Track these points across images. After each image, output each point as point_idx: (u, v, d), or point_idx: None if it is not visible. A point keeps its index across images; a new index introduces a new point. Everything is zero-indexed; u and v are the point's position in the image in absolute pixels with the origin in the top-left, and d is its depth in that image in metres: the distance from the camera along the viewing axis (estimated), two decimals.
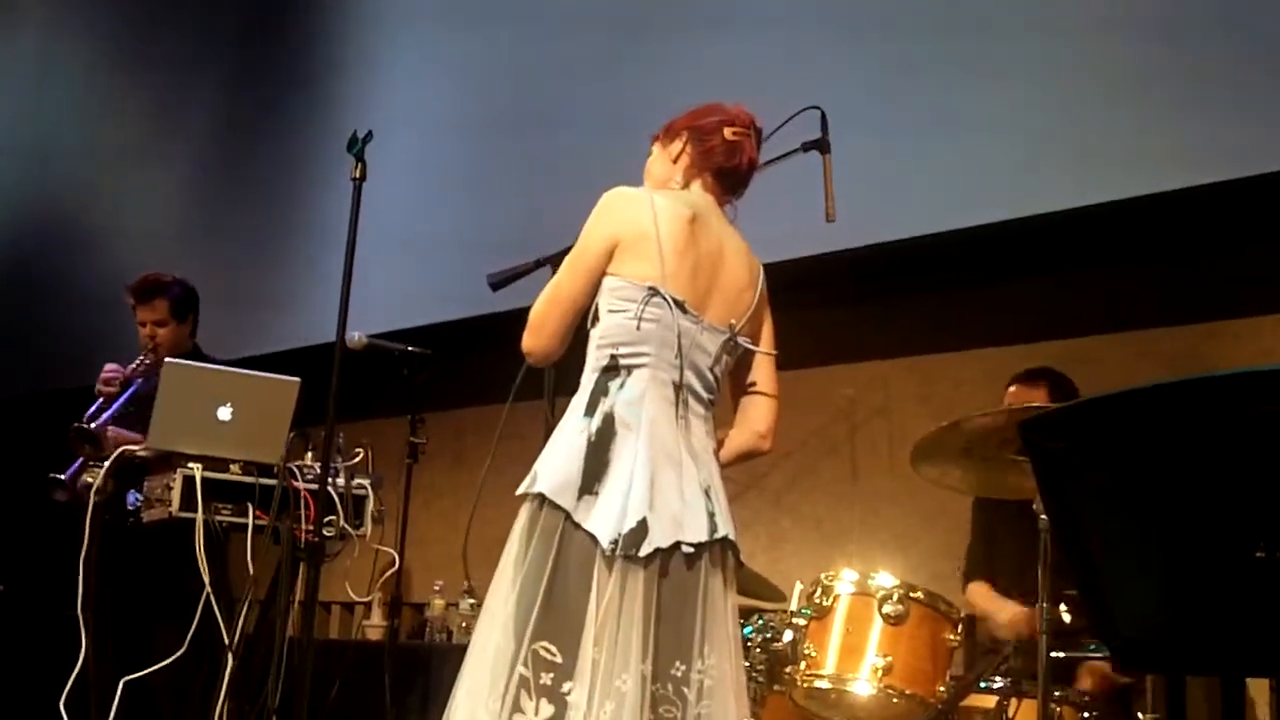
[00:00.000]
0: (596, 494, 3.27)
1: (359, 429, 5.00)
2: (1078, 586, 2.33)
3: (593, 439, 3.32)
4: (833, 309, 6.27)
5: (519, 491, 3.34)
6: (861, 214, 4.71)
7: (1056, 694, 4.00)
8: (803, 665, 4.26)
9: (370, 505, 4.95)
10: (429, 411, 5.66)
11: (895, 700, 4.15)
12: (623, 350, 3.41)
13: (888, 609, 4.22)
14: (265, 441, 4.79)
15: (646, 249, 3.43)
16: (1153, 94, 4.96)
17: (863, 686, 4.17)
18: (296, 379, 4.85)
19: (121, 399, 5.46)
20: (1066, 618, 3.91)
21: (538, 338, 3.49)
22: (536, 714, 3.14)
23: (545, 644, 3.18)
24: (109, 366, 5.60)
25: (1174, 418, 2.07)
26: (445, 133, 7.33)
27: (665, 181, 3.69)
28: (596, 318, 3.48)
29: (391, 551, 5.33)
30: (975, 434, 3.88)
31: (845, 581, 4.35)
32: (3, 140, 11.13)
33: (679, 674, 3.28)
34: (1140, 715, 3.94)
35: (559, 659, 3.17)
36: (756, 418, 3.70)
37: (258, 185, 8.68)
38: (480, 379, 3.66)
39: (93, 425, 5.28)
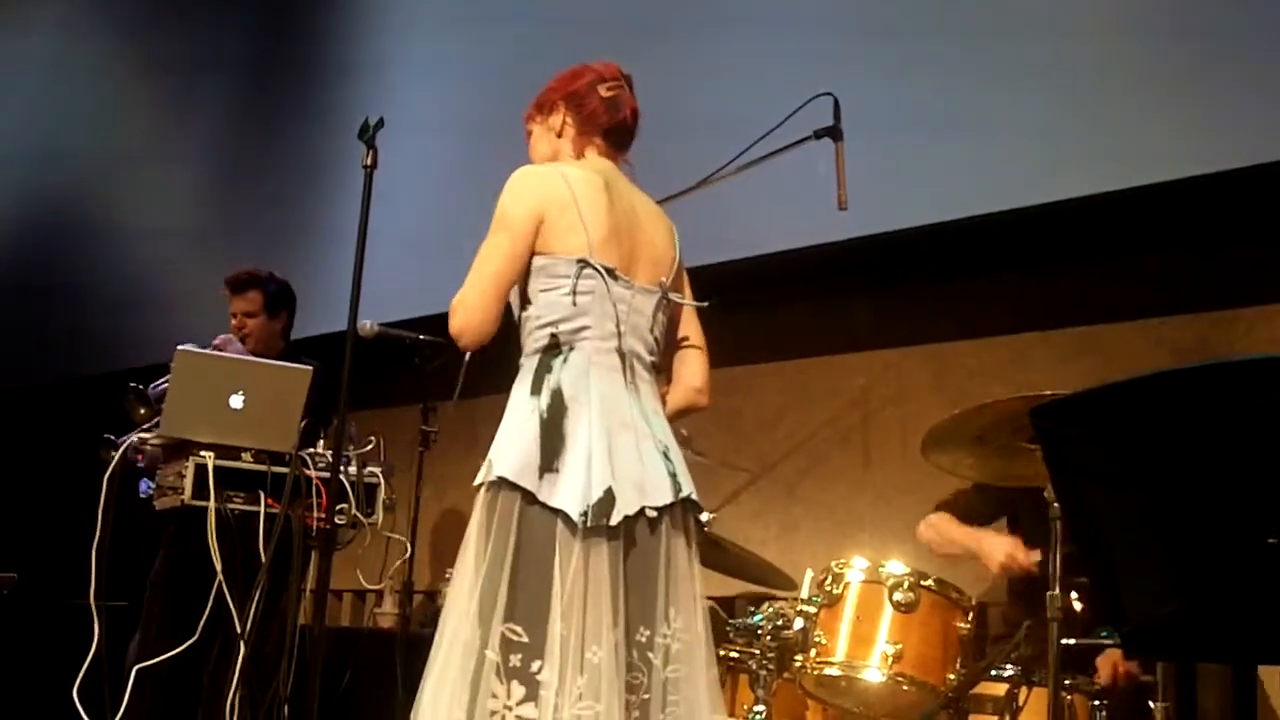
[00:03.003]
0: (558, 471, 3.25)
1: (371, 417, 5.01)
2: (1089, 574, 2.32)
3: (545, 417, 3.31)
4: (845, 297, 6.27)
5: (476, 483, 3.32)
6: (874, 202, 4.71)
7: (1067, 682, 4.00)
8: (813, 653, 4.26)
9: (382, 493, 4.95)
10: (440, 400, 5.67)
11: (906, 688, 4.15)
12: (562, 327, 3.41)
13: (899, 597, 4.22)
14: (277, 430, 4.80)
15: (570, 222, 3.42)
16: (1165, 84, 4.95)
17: (873, 674, 4.17)
18: (308, 367, 4.86)
19: None
20: (1078, 606, 3.91)
21: (470, 316, 3.38)
22: (509, 696, 3.13)
23: (511, 625, 3.17)
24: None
25: (1187, 404, 2.06)
26: (455, 129, 7.32)
27: (554, 157, 3.67)
28: (527, 300, 3.45)
29: (403, 539, 5.34)
30: (987, 422, 3.87)
31: (856, 569, 4.35)
32: (16, 139, 11.15)
33: (643, 640, 3.29)
34: (1151, 703, 3.93)
35: (526, 639, 3.16)
36: (691, 373, 3.69)
37: (270, 181, 8.69)
38: (492, 367, 3.64)
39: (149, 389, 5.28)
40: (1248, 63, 4.77)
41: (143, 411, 5.17)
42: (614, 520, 3.22)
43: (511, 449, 3.29)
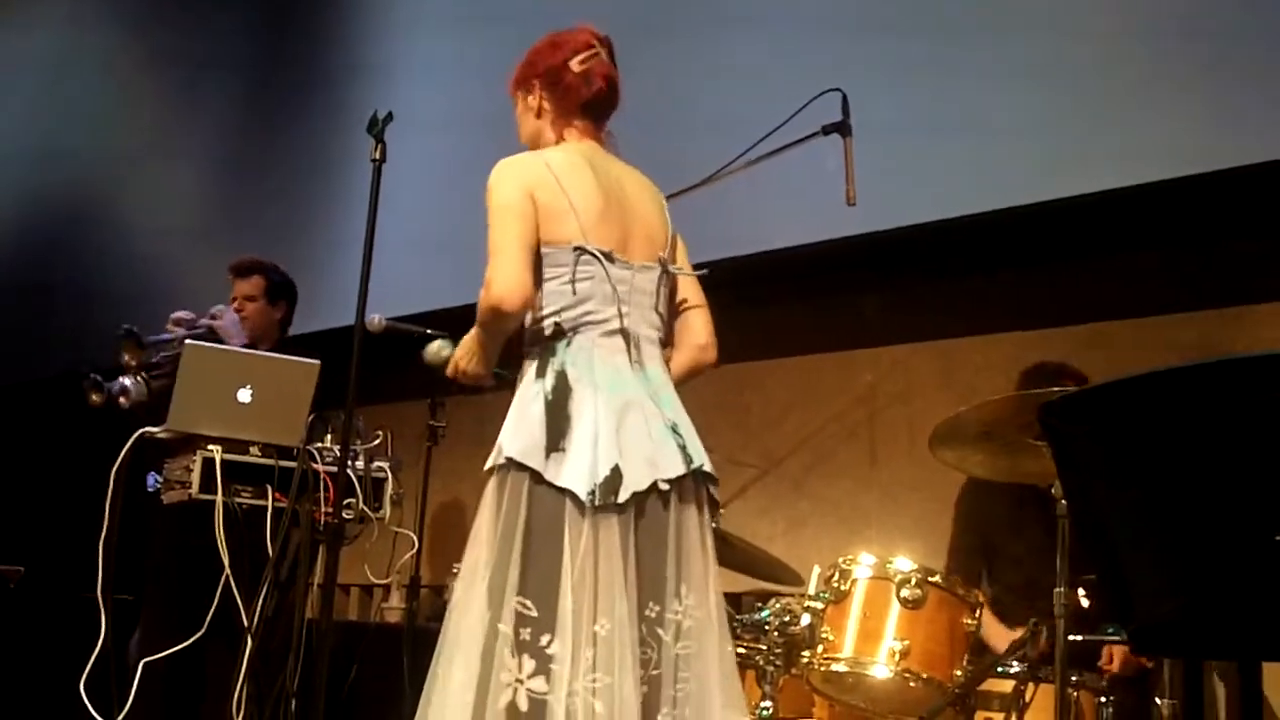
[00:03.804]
0: (564, 450, 3.26)
1: (378, 412, 5.01)
2: (1095, 571, 2.32)
3: (549, 398, 3.32)
4: (853, 294, 6.27)
5: (486, 467, 3.34)
6: (882, 199, 4.70)
7: (1074, 679, 4.00)
8: (820, 649, 4.26)
9: (389, 488, 4.95)
10: (448, 395, 5.66)
11: (912, 684, 4.15)
12: (565, 315, 3.41)
13: (906, 593, 4.22)
14: (285, 424, 4.79)
15: (560, 208, 3.41)
16: (1171, 82, 4.95)
17: (880, 670, 4.17)
18: (316, 361, 4.85)
19: (182, 331, 5.48)
20: (1085, 602, 3.91)
21: (506, 284, 3.31)
22: (520, 670, 3.14)
23: (522, 599, 3.18)
24: (180, 312, 5.61)
25: (1194, 401, 2.06)
26: (460, 126, 7.32)
27: (538, 136, 3.67)
28: None
29: (410, 534, 5.34)
30: (994, 418, 3.87)
31: (863, 565, 4.35)
32: (21, 136, 11.17)
33: (653, 615, 3.29)
34: (1158, 700, 3.94)
35: (535, 613, 3.17)
36: (694, 333, 3.66)
37: (274, 178, 8.70)
38: (499, 362, 3.64)
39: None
40: (1252, 60, 4.77)
41: (127, 358, 5.20)
42: (622, 498, 3.23)
43: (519, 431, 3.32)
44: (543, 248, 3.41)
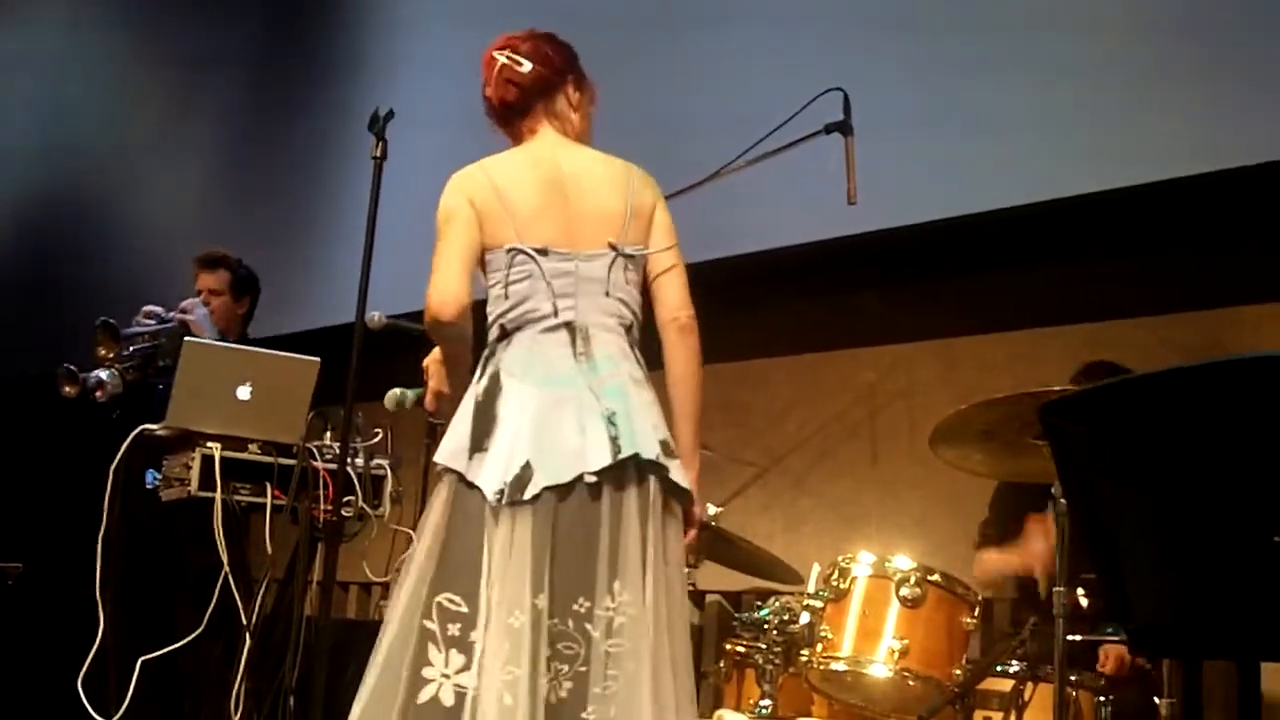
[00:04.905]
0: (487, 450, 3.28)
1: (378, 410, 5.01)
2: (1095, 570, 2.32)
3: (479, 398, 3.36)
4: (855, 292, 6.26)
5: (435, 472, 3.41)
6: (883, 197, 4.70)
7: (1073, 678, 3.99)
8: (819, 648, 4.26)
9: (389, 486, 4.95)
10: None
11: (911, 683, 4.16)
12: (507, 317, 3.43)
13: (905, 592, 4.22)
14: (284, 421, 4.79)
15: (496, 213, 3.46)
16: (1177, 81, 4.94)
17: (879, 669, 4.17)
18: (316, 359, 4.86)
19: (152, 324, 5.49)
20: (1084, 602, 3.90)
21: (442, 293, 3.38)
22: (447, 665, 3.17)
23: (448, 595, 3.21)
24: (150, 306, 5.62)
25: (1196, 402, 2.06)
26: (463, 123, 7.30)
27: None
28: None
29: (409, 532, 5.33)
30: (995, 417, 3.86)
31: (863, 564, 4.35)
32: (26, 132, 11.17)
33: (582, 610, 3.23)
34: (1156, 699, 3.93)
35: (464, 608, 3.20)
36: (664, 304, 3.57)
37: (278, 175, 8.70)
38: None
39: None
40: (1259, 60, 4.76)
41: (102, 351, 5.21)
42: (528, 494, 3.21)
43: (449, 434, 3.38)
44: (484, 254, 3.47)
